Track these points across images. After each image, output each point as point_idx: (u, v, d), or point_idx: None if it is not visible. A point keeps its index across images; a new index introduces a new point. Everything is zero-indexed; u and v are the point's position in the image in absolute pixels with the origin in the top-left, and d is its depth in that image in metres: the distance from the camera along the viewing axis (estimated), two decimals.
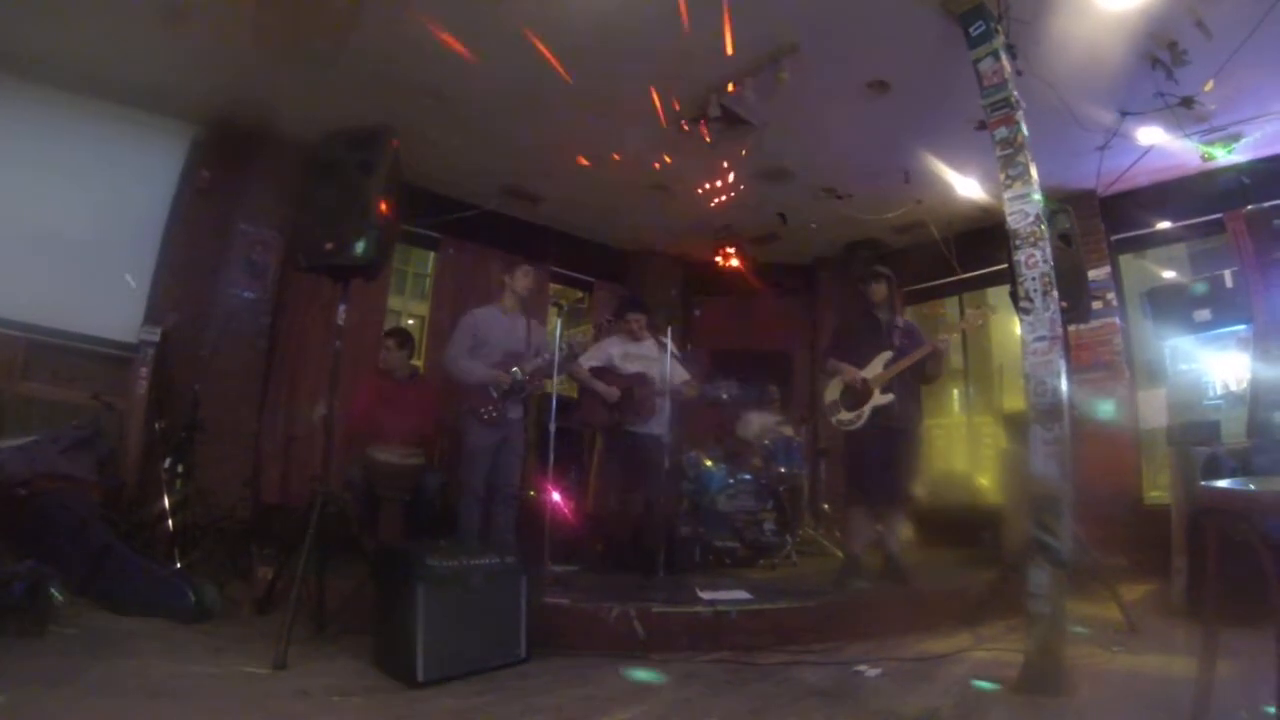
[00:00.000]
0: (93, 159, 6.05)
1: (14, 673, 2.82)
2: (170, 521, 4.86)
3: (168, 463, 5.15)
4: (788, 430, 7.60)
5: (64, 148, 5.93)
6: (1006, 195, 3.81)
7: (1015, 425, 5.81)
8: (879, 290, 5.37)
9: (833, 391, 5.38)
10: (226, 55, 5.43)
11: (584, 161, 6.72)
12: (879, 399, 5.11)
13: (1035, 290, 3.65)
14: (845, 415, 5.25)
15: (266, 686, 2.99)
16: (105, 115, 6.09)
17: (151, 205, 6.30)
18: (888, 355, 5.17)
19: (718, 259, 8.80)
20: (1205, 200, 6.60)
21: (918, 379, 5.28)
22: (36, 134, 5.83)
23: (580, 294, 9.55)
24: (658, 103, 5.79)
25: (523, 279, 5.45)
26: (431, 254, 8.20)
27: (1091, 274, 6.13)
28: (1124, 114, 5.73)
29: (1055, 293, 3.64)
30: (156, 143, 6.39)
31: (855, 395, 5.20)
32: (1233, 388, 5.66)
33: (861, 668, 3.66)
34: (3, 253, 5.50)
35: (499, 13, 4.87)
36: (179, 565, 4.48)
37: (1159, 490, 6.55)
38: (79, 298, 5.84)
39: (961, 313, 8.71)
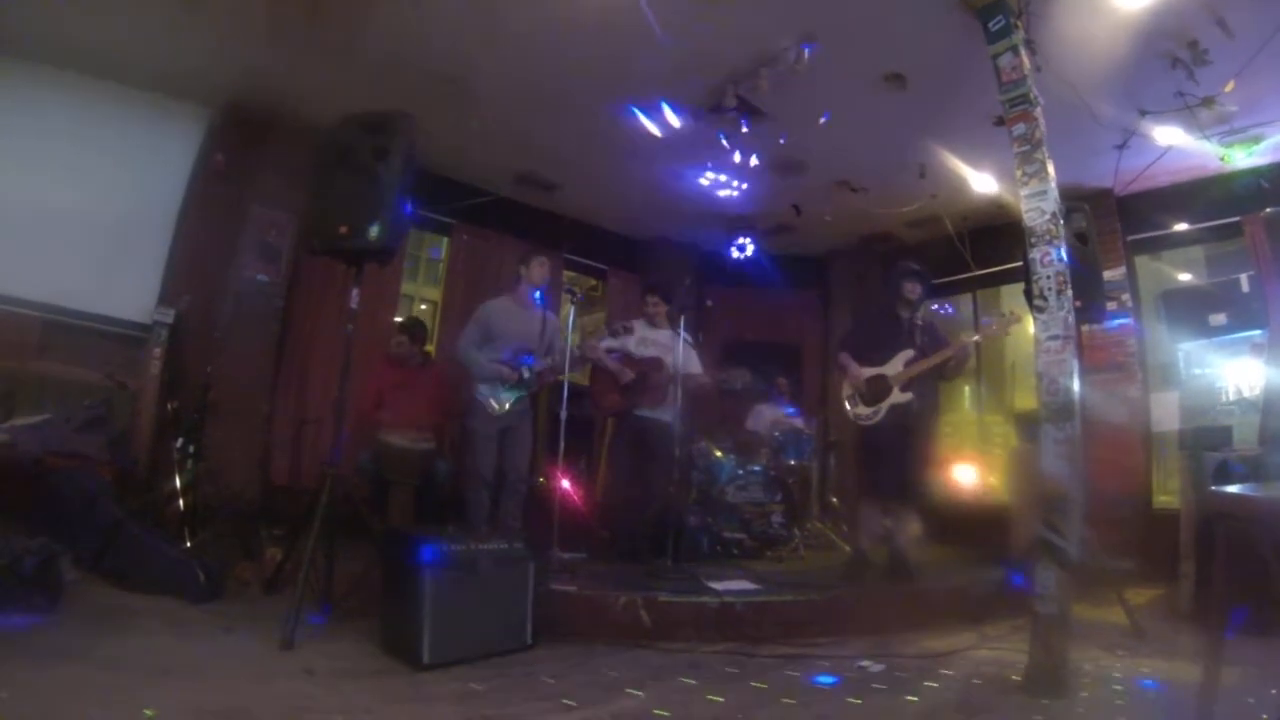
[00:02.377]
0: (109, 141, 6.07)
1: (25, 648, 2.85)
2: (180, 501, 4.90)
3: (179, 443, 5.18)
4: (798, 423, 7.59)
5: (81, 130, 5.95)
6: (1023, 192, 3.78)
7: (1026, 424, 5.79)
8: (914, 289, 5.34)
9: (849, 386, 5.38)
10: (243, 40, 5.44)
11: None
12: (898, 397, 5.11)
13: (1050, 289, 3.63)
14: (862, 409, 5.25)
15: (273, 665, 3.02)
16: (122, 98, 6.10)
17: (167, 187, 6.31)
18: (909, 354, 5.16)
19: (731, 249, 8.77)
20: (1223, 203, 6.51)
21: (935, 376, 5.28)
22: (54, 116, 5.83)
23: (594, 282, 9.54)
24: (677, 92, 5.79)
25: (538, 269, 5.41)
26: (445, 239, 8.20)
27: (1107, 274, 6.07)
28: (1143, 113, 5.66)
29: (1070, 292, 3.62)
30: (172, 126, 6.40)
31: (873, 391, 5.19)
32: (1246, 393, 5.63)
33: (865, 663, 3.68)
34: (20, 233, 5.52)
35: (517, 3, 4.87)
36: (189, 545, 4.51)
37: (1168, 494, 6.51)
38: (94, 278, 5.86)
39: (975, 313, 8.70)
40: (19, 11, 5.20)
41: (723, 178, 7.20)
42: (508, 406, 5.06)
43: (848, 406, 5.39)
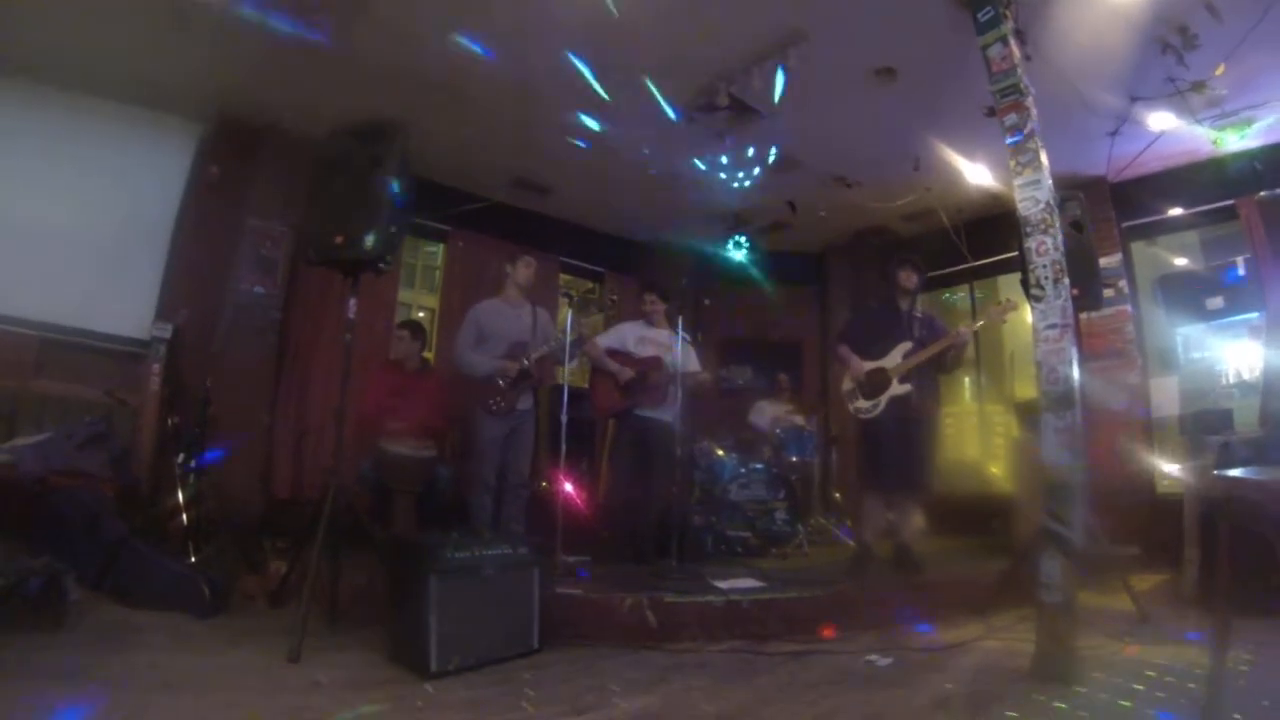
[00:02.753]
0: (103, 157, 6.07)
1: (31, 668, 2.85)
2: (184, 516, 4.88)
3: (180, 458, 5.17)
4: (799, 419, 7.60)
5: (74, 147, 5.95)
6: (1016, 182, 3.79)
7: (1027, 413, 5.79)
8: (911, 277, 5.35)
9: (849, 379, 5.37)
10: (234, 52, 5.42)
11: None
12: (897, 389, 5.11)
13: (1046, 278, 3.63)
14: (862, 403, 5.25)
15: (280, 679, 3.01)
16: (114, 114, 6.10)
17: (162, 202, 6.31)
18: (907, 345, 5.17)
19: (728, 248, 8.76)
20: (1217, 186, 6.51)
21: (935, 368, 5.28)
22: (47, 134, 5.85)
23: (591, 284, 9.54)
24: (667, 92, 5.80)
25: (523, 269, 5.49)
26: (441, 246, 8.20)
27: (1103, 261, 6.06)
28: (1134, 99, 5.67)
29: (1066, 280, 3.62)
30: (166, 140, 6.40)
31: (873, 384, 5.19)
32: (1245, 376, 5.63)
33: (873, 657, 3.67)
34: (16, 251, 5.53)
35: (506, 6, 4.86)
36: (193, 560, 4.50)
37: (1171, 480, 6.51)
38: (91, 295, 5.86)
39: (973, 303, 8.70)
40: (6, 29, 5.20)
41: (716, 176, 7.22)
42: (516, 402, 5.11)
43: (848, 400, 5.39)
